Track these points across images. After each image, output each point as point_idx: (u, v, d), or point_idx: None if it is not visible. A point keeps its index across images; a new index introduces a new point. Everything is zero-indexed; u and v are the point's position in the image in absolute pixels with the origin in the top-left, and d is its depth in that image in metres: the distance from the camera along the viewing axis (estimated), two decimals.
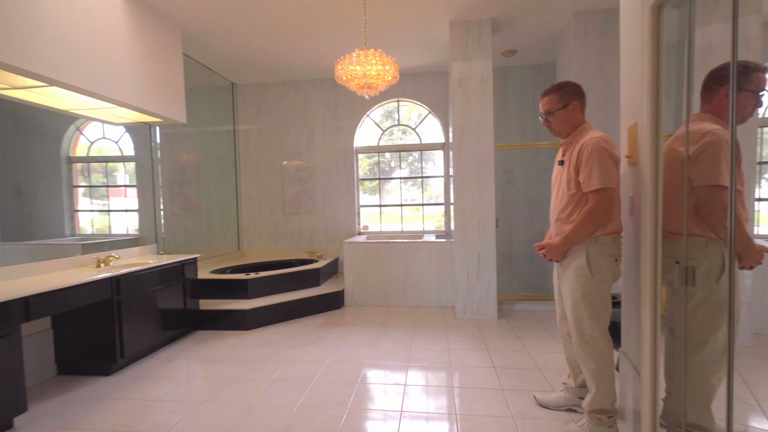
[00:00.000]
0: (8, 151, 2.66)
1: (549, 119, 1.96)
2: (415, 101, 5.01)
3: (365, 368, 2.69)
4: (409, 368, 2.69)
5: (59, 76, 2.38)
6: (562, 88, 1.93)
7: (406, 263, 4.20)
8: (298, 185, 5.23)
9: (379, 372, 2.64)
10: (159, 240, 3.88)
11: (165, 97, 3.34)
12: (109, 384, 2.55)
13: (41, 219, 3.00)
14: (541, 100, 1.98)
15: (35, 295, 2.12)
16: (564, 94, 1.92)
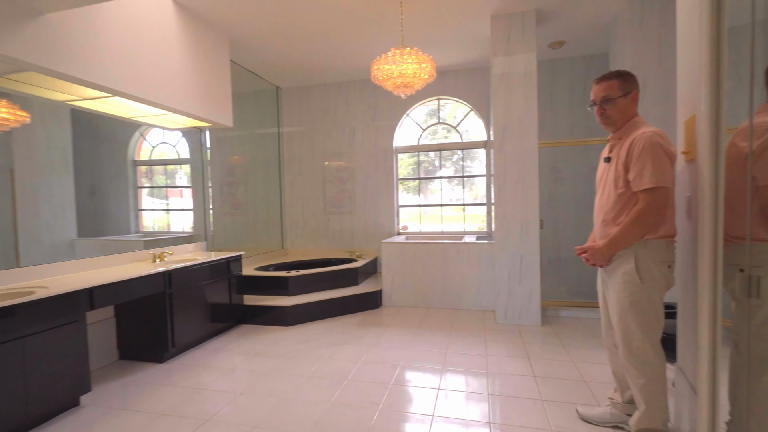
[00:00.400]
0: (84, 156, 2.98)
1: (605, 107, 1.78)
2: (456, 99, 4.91)
3: (399, 369, 2.67)
4: (444, 372, 2.63)
5: (120, 86, 2.60)
6: (623, 75, 1.77)
7: (445, 265, 4.13)
8: (338, 185, 5.33)
9: (413, 374, 2.61)
10: (208, 237, 4.12)
11: (213, 103, 3.54)
12: (161, 371, 2.75)
13: (111, 217, 3.32)
14: (597, 86, 1.81)
15: (98, 287, 2.33)
16: (625, 82, 1.76)
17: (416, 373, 2.63)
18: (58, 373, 2.10)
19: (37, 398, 2.00)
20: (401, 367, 2.71)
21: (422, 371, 2.65)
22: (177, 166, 4.05)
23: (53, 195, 2.74)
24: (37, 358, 1.99)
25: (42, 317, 2.02)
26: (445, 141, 5.07)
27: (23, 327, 1.94)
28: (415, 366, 2.73)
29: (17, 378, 1.91)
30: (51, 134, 2.73)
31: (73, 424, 2.08)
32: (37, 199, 2.63)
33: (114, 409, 2.24)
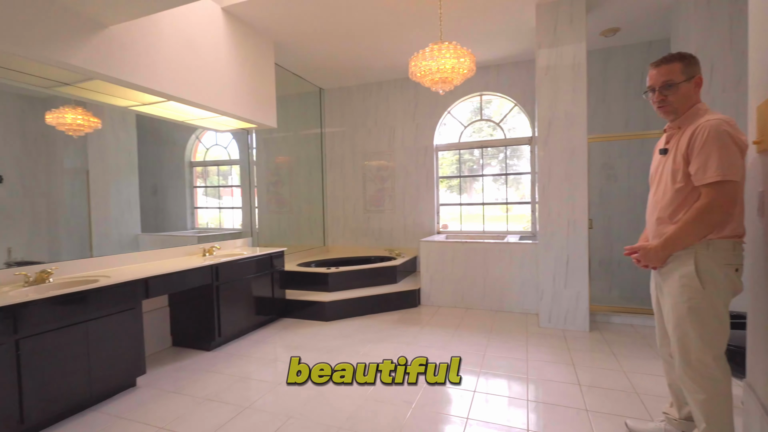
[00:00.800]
0: (148, 158, 3.26)
1: (666, 93, 1.59)
2: (499, 94, 4.75)
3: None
4: (480, 374, 2.55)
5: (174, 92, 2.79)
6: (686, 57, 1.58)
7: (485, 265, 4.01)
8: (378, 184, 5.36)
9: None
10: (253, 234, 4.31)
11: (258, 105, 3.70)
12: (208, 358, 2.91)
13: (170, 214, 3.61)
14: (656, 70, 1.62)
15: (153, 277, 2.52)
16: (689, 65, 1.57)
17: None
18: (117, 355, 2.29)
19: (99, 377, 2.19)
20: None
21: (459, 372, 2.59)
22: (229, 166, 4.30)
23: (121, 194, 3.02)
24: (99, 341, 2.19)
25: (103, 304, 2.22)
26: (488, 138, 4.91)
27: (87, 312, 2.13)
28: None
29: (82, 358, 2.11)
30: (119, 138, 3.01)
31: (130, 403, 2.27)
32: (107, 198, 2.91)
33: (165, 391, 2.40)
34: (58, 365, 2.00)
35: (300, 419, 2.06)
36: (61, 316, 2.01)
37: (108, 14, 2.25)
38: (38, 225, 2.45)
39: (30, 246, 2.40)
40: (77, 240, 2.67)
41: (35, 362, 1.90)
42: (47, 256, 2.47)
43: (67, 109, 2.64)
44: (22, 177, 2.36)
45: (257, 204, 4.41)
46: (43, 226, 2.48)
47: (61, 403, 2.02)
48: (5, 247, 2.26)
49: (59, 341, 2.01)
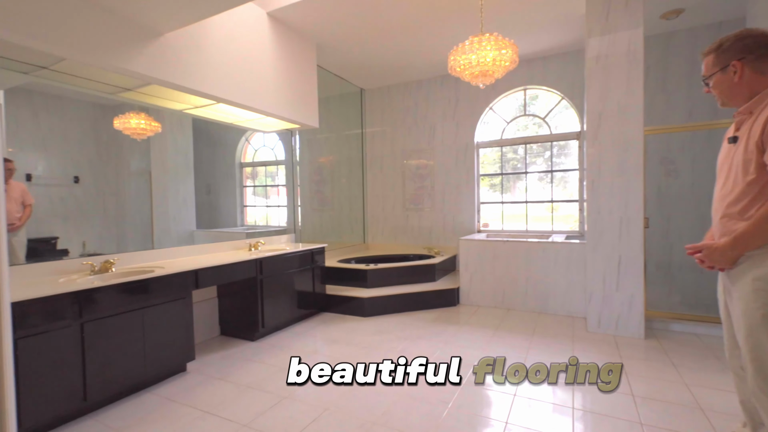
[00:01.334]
0: (203, 159, 3.49)
1: (709, 85, 1.54)
2: (544, 87, 4.54)
3: (473, 369, 2.56)
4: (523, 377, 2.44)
5: (222, 94, 2.94)
6: (721, 45, 1.46)
7: (528, 264, 3.84)
8: (418, 182, 5.32)
9: (488, 376, 2.48)
10: (296, 231, 4.44)
11: (301, 105, 3.80)
12: (252, 348, 3.03)
13: (222, 212, 3.84)
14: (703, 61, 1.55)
15: (202, 269, 2.66)
16: (721, 53, 1.46)
17: (492, 375, 2.49)
18: (169, 341, 2.45)
19: (153, 361, 2.36)
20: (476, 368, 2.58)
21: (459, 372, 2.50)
22: (275, 167, 4.48)
23: (178, 193, 3.25)
24: (153, 327, 2.35)
25: (158, 293, 2.38)
26: (533, 135, 4.71)
27: (144, 299, 2.30)
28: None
29: (138, 342, 2.28)
30: (177, 141, 3.24)
31: (180, 387, 2.42)
32: (167, 196, 3.15)
33: (212, 377, 2.53)
34: (117, 348, 2.17)
35: (335, 412, 2.08)
36: (121, 303, 2.19)
37: (164, 22, 2.42)
38: (108, 221, 2.70)
39: (101, 240, 2.64)
40: (141, 235, 2.91)
41: (97, 344, 2.08)
42: (115, 249, 2.71)
43: (132, 114, 2.88)
44: (96, 178, 2.61)
45: (300, 203, 4.54)
46: (112, 222, 2.73)
47: (119, 384, 2.19)
48: (81, 241, 2.50)
49: (118, 326, 2.18)
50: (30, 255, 2.27)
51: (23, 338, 1.81)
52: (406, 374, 2.44)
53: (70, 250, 2.43)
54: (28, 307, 1.82)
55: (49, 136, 2.34)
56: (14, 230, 2.23)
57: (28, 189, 2.28)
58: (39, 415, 1.87)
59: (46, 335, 1.89)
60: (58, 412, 1.95)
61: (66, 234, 2.44)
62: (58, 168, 2.42)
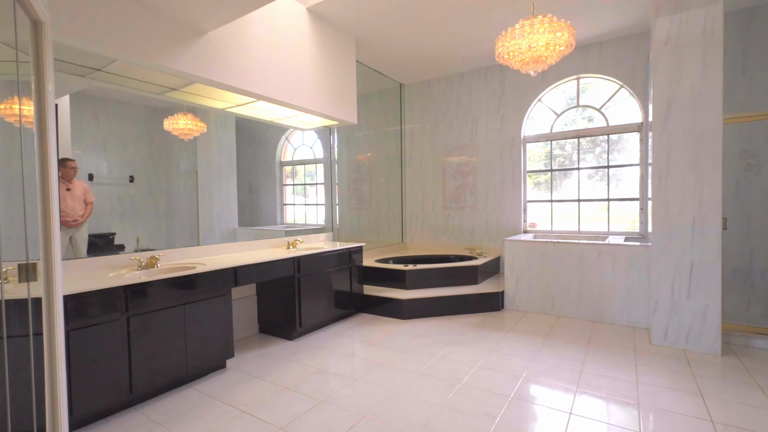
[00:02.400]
0: (245, 158, 3.56)
1: None
2: (600, 76, 4.18)
3: (522, 381, 2.36)
4: (578, 393, 2.22)
5: (263, 91, 2.93)
6: None
7: (581, 268, 3.54)
8: (459, 180, 5.11)
9: (538, 389, 2.27)
10: (334, 229, 4.41)
11: (341, 102, 3.74)
12: (290, 348, 3.01)
13: (263, 210, 3.89)
14: None
15: (241, 267, 2.66)
16: None
17: (542, 388, 2.28)
18: (209, 338, 2.47)
19: (194, 357, 2.38)
20: (524, 380, 2.38)
21: (550, 387, 2.29)
22: (314, 165, 4.48)
23: (222, 191, 3.32)
24: (194, 323, 2.37)
25: (199, 289, 2.40)
26: (587, 127, 4.36)
27: (185, 295, 2.32)
28: (540, 380, 2.37)
29: (180, 338, 2.30)
30: (222, 142, 3.31)
31: (219, 383, 2.42)
32: (211, 195, 3.23)
33: (250, 376, 2.52)
34: (161, 343, 2.21)
35: (374, 420, 1.98)
36: (164, 298, 2.22)
37: (206, 20, 2.43)
38: (159, 218, 2.81)
39: (153, 236, 2.76)
40: (188, 232, 3.01)
41: (142, 338, 2.12)
42: (165, 244, 2.81)
43: (180, 115, 2.97)
44: (148, 177, 2.73)
45: (338, 201, 4.50)
46: (162, 219, 2.84)
47: (162, 378, 2.22)
48: (135, 237, 2.62)
49: (162, 320, 2.21)
50: (91, 249, 2.43)
51: (75, 330, 1.86)
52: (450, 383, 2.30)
53: (126, 245, 2.57)
54: (80, 300, 1.87)
55: (109, 138, 2.49)
56: (77, 226, 2.35)
57: (90, 188, 2.43)
58: (89, 405, 1.92)
59: (96, 328, 1.94)
60: (106, 403, 2.00)
61: (122, 230, 2.59)
62: (116, 168, 2.56)
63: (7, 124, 2.16)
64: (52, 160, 1.66)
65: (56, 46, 1.98)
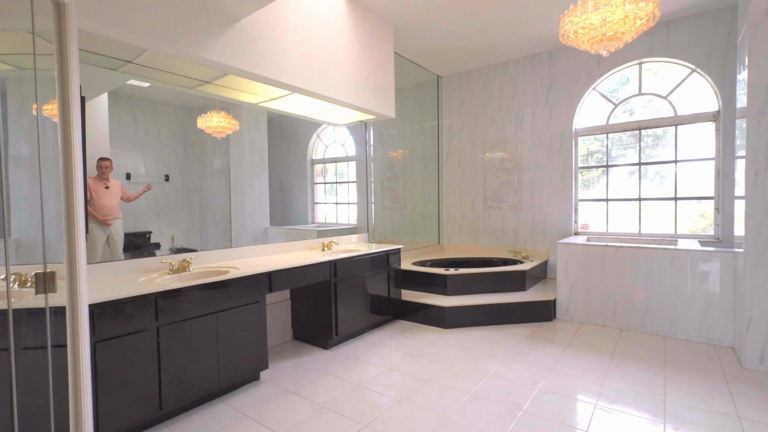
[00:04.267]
0: (277, 156, 3.43)
1: None
2: (668, 59, 3.72)
3: (596, 411, 2.04)
4: (667, 427, 1.87)
5: (298, 83, 2.73)
6: None
7: (650, 275, 3.14)
8: (501, 177, 4.76)
9: (618, 421, 1.94)
10: (369, 230, 4.18)
11: (378, 94, 3.50)
12: (326, 358, 2.80)
13: (294, 209, 3.76)
14: None
15: (276, 271, 2.48)
16: None
17: (622, 420, 1.95)
18: (242, 348, 2.29)
19: (227, 369, 2.20)
20: (598, 408, 2.06)
21: (632, 420, 1.95)
22: (346, 163, 4.28)
23: (254, 190, 3.20)
24: (227, 333, 2.20)
25: (232, 296, 2.22)
26: (649, 118, 3.90)
27: (217, 303, 2.15)
28: (617, 410, 2.04)
29: (212, 349, 2.13)
30: (253, 139, 3.19)
31: (253, 398, 2.24)
32: (243, 194, 3.11)
33: (285, 390, 2.33)
34: (192, 354, 2.04)
35: None
36: (196, 306, 2.05)
37: (240, 4, 2.24)
38: (193, 217, 2.75)
39: (187, 234, 2.71)
40: (221, 230, 2.94)
41: (172, 349, 1.96)
42: (199, 243, 2.75)
43: (213, 113, 2.88)
44: (183, 176, 2.67)
45: (373, 200, 4.27)
46: (196, 218, 2.78)
47: (193, 392, 2.06)
48: (170, 235, 2.58)
49: (193, 330, 2.05)
50: (127, 248, 2.38)
51: (102, 341, 1.72)
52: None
53: (161, 244, 2.54)
54: (107, 309, 1.73)
55: (145, 137, 2.46)
56: (110, 224, 2.28)
57: (128, 186, 2.41)
58: (116, 421, 1.78)
59: (124, 339, 1.79)
60: (135, 419, 1.85)
61: (158, 228, 2.55)
62: (153, 167, 2.53)
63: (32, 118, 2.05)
64: (77, 157, 1.50)
65: (82, 36, 1.84)
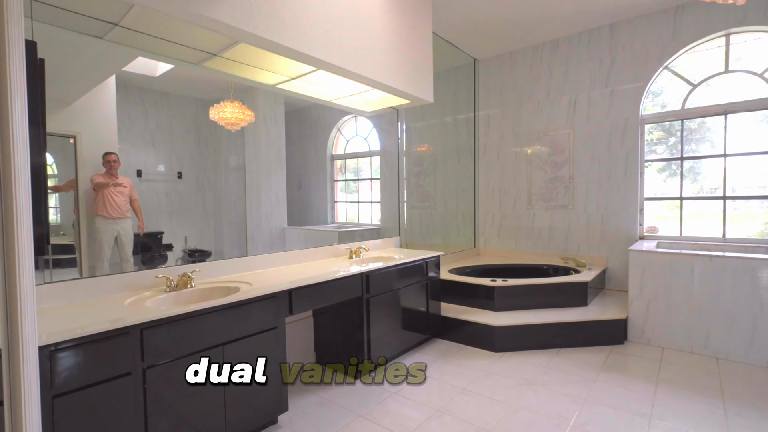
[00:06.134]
0: (295, 151, 3.18)
1: None
2: (763, 28, 3.07)
3: None
4: None
5: (324, 56, 2.24)
6: None
7: (757, 293, 2.53)
8: (549, 172, 4.17)
9: None
10: (401, 232, 3.67)
11: (414, 75, 2.98)
12: (357, 392, 2.30)
13: (312, 208, 3.45)
14: None
15: (297, 289, 1.98)
16: None
17: None
18: (256, 387, 1.80)
19: (236, 415, 1.72)
20: None
21: None
22: (369, 158, 3.83)
23: (271, 188, 2.92)
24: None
25: (243, 321, 1.74)
26: (737, 101, 3.26)
27: (224, 331, 1.67)
28: None
29: (217, 391, 1.65)
30: (270, 133, 2.93)
31: None
32: (260, 192, 2.81)
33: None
34: (190, 401, 1.57)
35: None
36: (196, 337, 1.58)
37: None
38: (207, 216, 2.54)
39: (201, 234, 2.49)
40: (236, 232, 2.74)
41: (164, 398, 1.49)
42: (213, 243, 2.56)
43: (226, 103, 2.58)
44: (196, 173, 2.45)
45: (405, 199, 3.76)
46: (210, 217, 2.57)
47: None
48: (183, 235, 2.36)
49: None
50: (137, 249, 2.14)
51: (63, 395, 1.25)
52: None
53: (174, 245, 2.34)
54: (72, 349, 1.27)
55: (157, 132, 2.29)
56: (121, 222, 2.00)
57: (139, 184, 2.18)
58: None
59: (98, 388, 1.32)
60: None
61: (170, 228, 2.35)
62: (164, 164, 2.35)
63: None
64: (19, 140, 1.05)
65: None
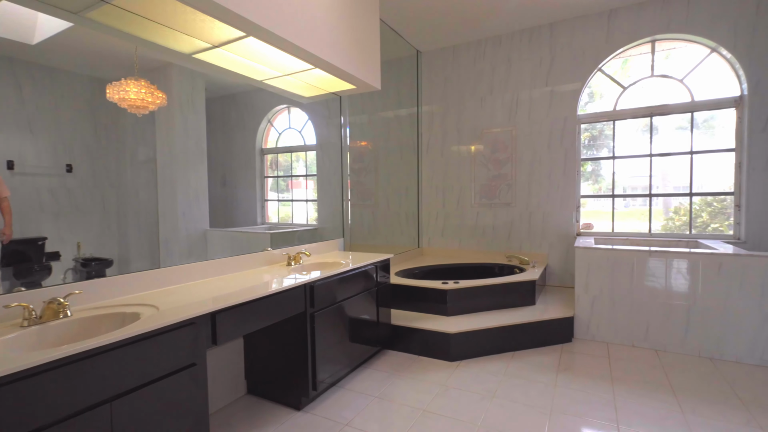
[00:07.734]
0: (218, 145, 2.72)
1: None
2: (687, 36, 3.29)
3: None
4: None
5: (258, 19, 1.82)
6: None
7: (693, 286, 2.64)
8: (493, 170, 4.13)
9: None
10: (345, 234, 3.33)
11: (361, 58, 2.66)
12: (300, 427, 1.91)
13: (239, 207, 3.04)
14: None
15: (221, 311, 1.54)
16: None
17: None
18: None
19: None
20: None
21: None
22: (304, 152, 3.44)
23: (189, 184, 2.49)
24: (134, 428, 1.24)
25: (142, 364, 1.26)
26: (661, 104, 3.46)
27: (111, 384, 1.18)
28: None
29: None
30: (187, 120, 2.47)
31: None
32: (175, 188, 2.37)
33: None
34: None
35: None
36: (67, 396, 1.08)
37: None
38: (108, 218, 2.13)
39: (100, 240, 2.07)
40: (145, 236, 2.25)
41: None
42: (116, 249, 2.06)
43: (130, 81, 1.98)
44: (93, 167, 2.06)
45: (349, 197, 3.41)
46: (112, 219, 2.17)
47: None
48: (75, 241, 1.93)
49: None
50: (10, 261, 1.57)
51: None
52: None
53: (62, 253, 1.91)
54: None
55: (36, 115, 1.83)
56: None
57: (10, 178, 1.72)
58: None
59: None
60: None
61: (57, 233, 1.94)
62: (47, 154, 1.94)
63: None
64: None
65: None
